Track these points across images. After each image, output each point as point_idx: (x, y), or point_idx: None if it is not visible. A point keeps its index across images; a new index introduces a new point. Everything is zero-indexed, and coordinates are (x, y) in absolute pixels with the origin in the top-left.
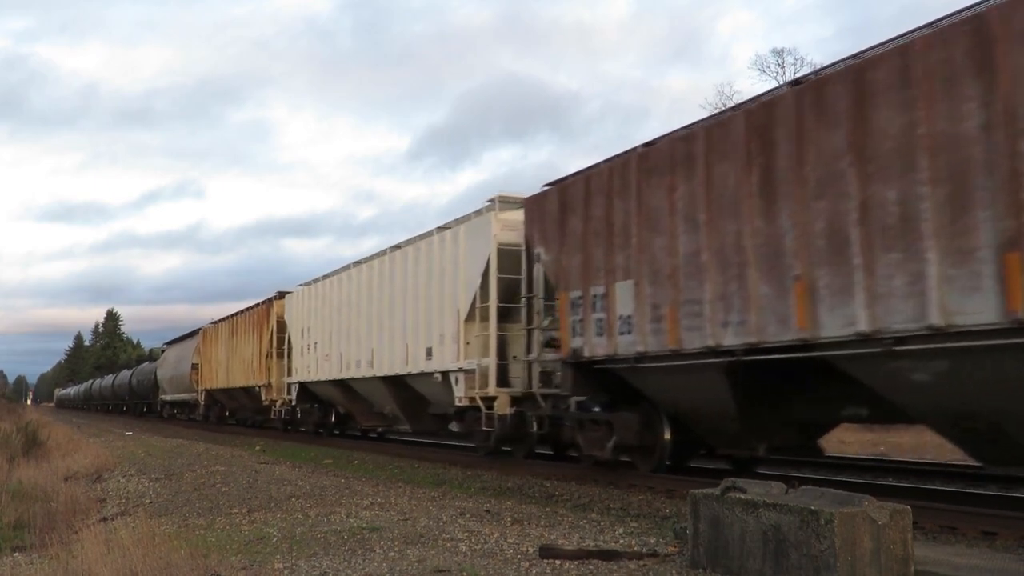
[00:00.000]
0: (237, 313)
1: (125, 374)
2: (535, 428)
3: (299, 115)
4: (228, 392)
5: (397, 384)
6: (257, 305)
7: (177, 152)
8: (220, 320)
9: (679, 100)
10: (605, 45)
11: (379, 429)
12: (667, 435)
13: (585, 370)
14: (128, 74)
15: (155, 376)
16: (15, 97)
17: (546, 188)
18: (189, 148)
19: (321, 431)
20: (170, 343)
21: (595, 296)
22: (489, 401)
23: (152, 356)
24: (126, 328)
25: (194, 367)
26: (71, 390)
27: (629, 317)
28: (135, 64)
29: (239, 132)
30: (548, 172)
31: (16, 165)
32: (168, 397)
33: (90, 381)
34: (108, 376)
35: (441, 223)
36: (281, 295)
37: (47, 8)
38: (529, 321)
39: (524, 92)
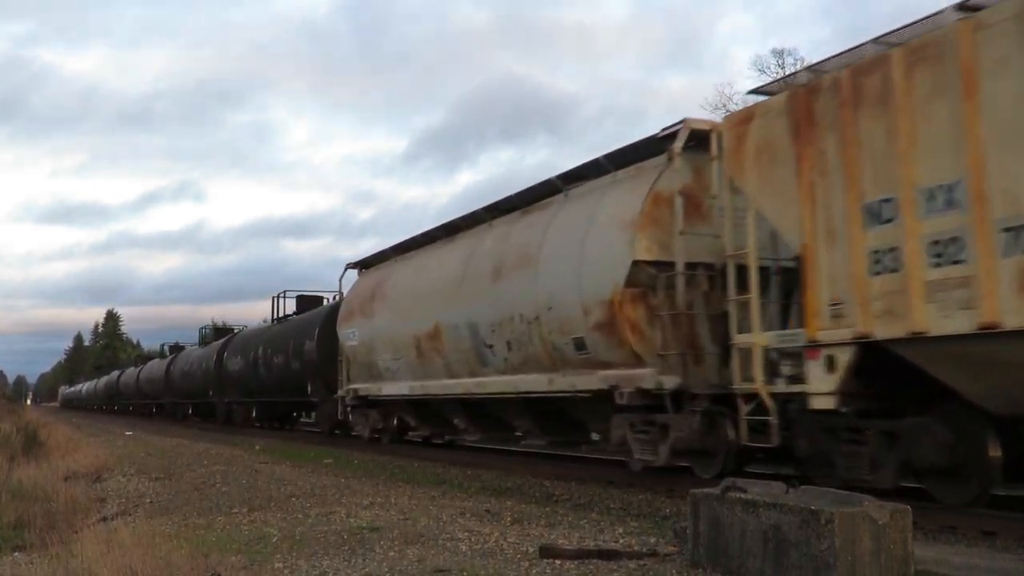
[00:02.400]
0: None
1: (192, 356)
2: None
3: (300, 116)
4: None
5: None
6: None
7: (177, 154)
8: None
9: (677, 101)
10: (604, 47)
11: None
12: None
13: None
14: (129, 76)
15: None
16: (16, 100)
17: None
18: (189, 150)
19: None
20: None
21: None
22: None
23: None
24: (126, 328)
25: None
26: (82, 386)
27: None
28: (136, 67)
29: (240, 134)
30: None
31: (16, 167)
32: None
33: (116, 373)
34: (152, 363)
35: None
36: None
37: (47, 11)
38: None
39: (522, 94)
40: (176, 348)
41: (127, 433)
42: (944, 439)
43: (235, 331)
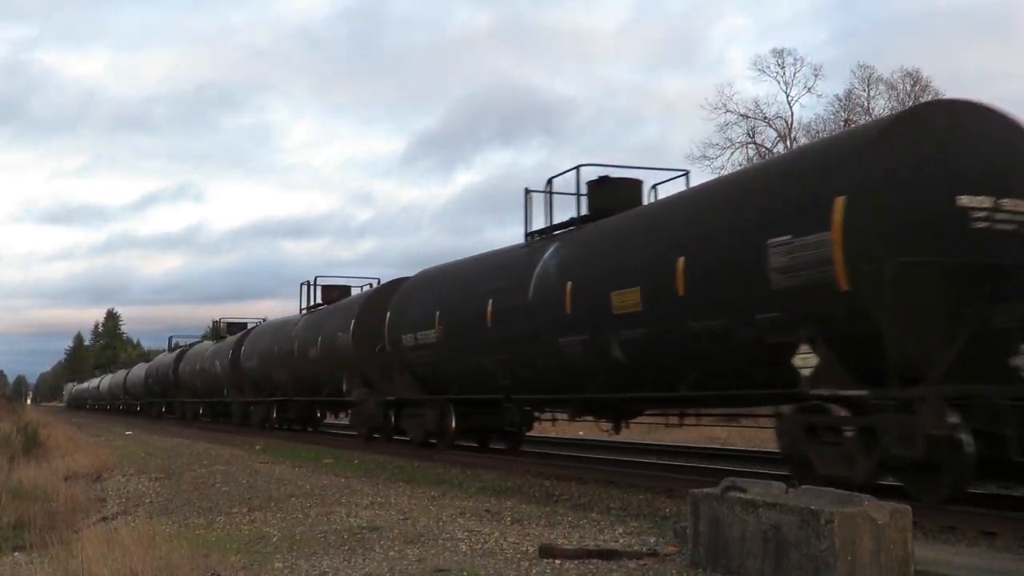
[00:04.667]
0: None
1: (206, 352)
2: None
3: (300, 119)
4: None
5: None
6: None
7: (177, 155)
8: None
9: (674, 103)
10: (601, 50)
11: None
12: None
13: None
14: (129, 80)
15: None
16: (17, 102)
17: None
18: (189, 152)
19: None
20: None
21: None
22: None
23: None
24: (126, 328)
25: None
26: (97, 382)
27: None
28: (136, 70)
29: (239, 136)
30: (542, 174)
31: (17, 168)
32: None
33: (141, 365)
34: (204, 347)
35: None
36: None
37: (49, 15)
38: None
39: (519, 96)
40: (175, 347)
41: (127, 433)
42: None
43: (252, 325)
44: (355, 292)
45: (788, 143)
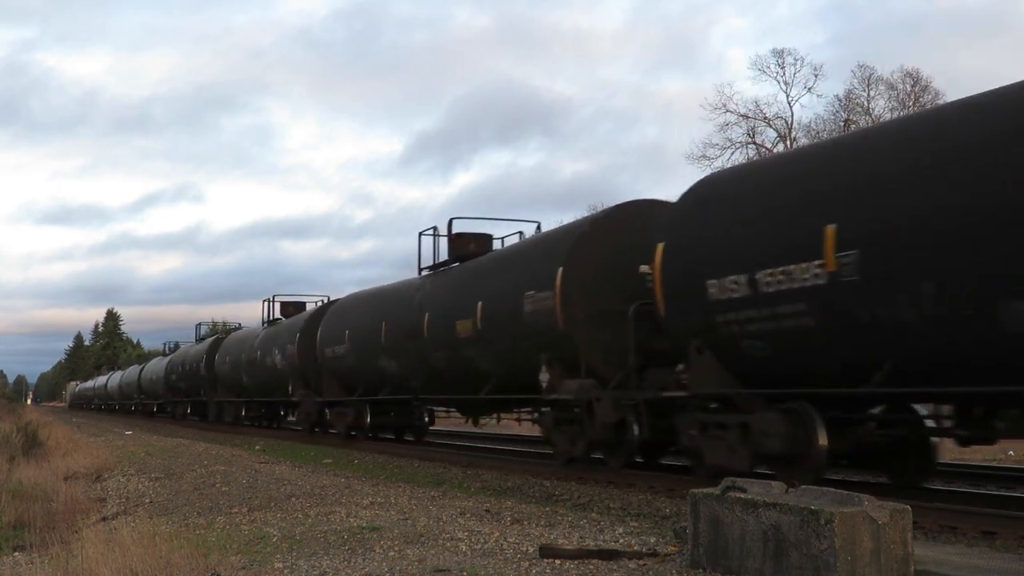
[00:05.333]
0: None
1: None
2: None
3: (299, 120)
4: None
5: None
6: None
7: (177, 156)
8: None
9: (673, 104)
10: (600, 51)
11: None
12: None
13: None
14: (129, 81)
15: None
16: (17, 103)
17: None
18: (189, 152)
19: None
20: None
21: None
22: None
23: None
24: (126, 328)
25: None
26: (105, 379)
27: None
28: (136, 71)
29: (239, 137)
30: (540, 175)
31: (17, 169)
32: None
33: (160, 360)
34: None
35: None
36: None
37: (49, 17)
38: None
39: (518, 97)
40: (176, 347)
41: (127, 433)
42: None
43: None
44: (309, 307)
45: (788, 143)
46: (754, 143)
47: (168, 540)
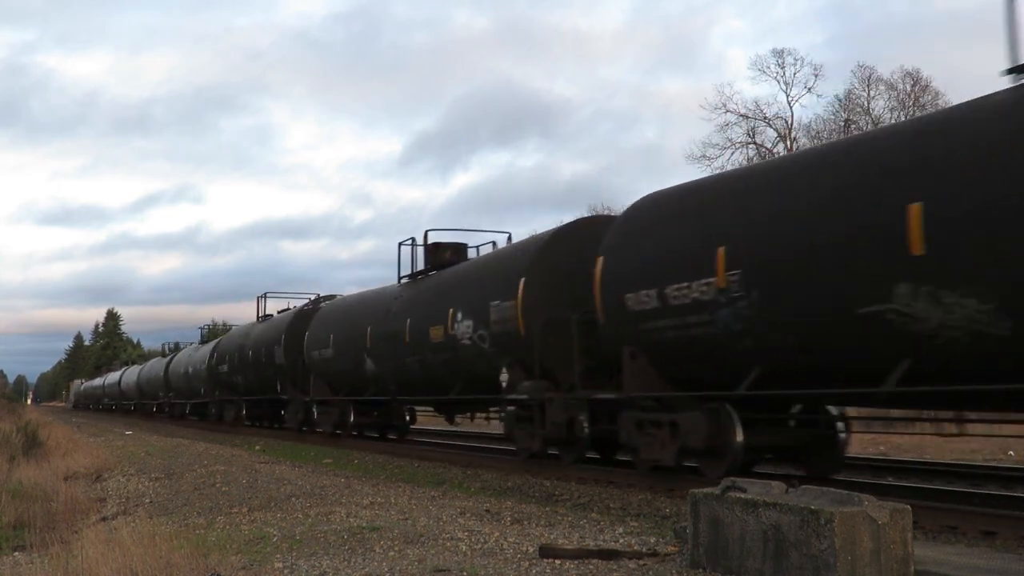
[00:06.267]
0: None
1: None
2: None
3: (299, 120)
4: None
5: None
6: None
7: (177, 157)
8: None
9: (671, 104)
10: (600, 52)
11: None
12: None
13: None
14: (129, 81)
15: None
16: (18, 104)
17: None
18: (189, 153)
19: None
20: None
21: None
22: None
23: None
24: (126, 328)
25: None
26: (118, 375)
27: None
28: (136, 72)
29: (240, 137)
30: (539, 175)
31: (18, 169)
32: None
33: (194, 348)
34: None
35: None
36: None
37: (49, 18)
38: None
39: (517, 98)
40: (176, 348)
41: (127, 433)
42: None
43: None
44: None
45: (788, 143)
46: (754, 143)
47: (168, 540)
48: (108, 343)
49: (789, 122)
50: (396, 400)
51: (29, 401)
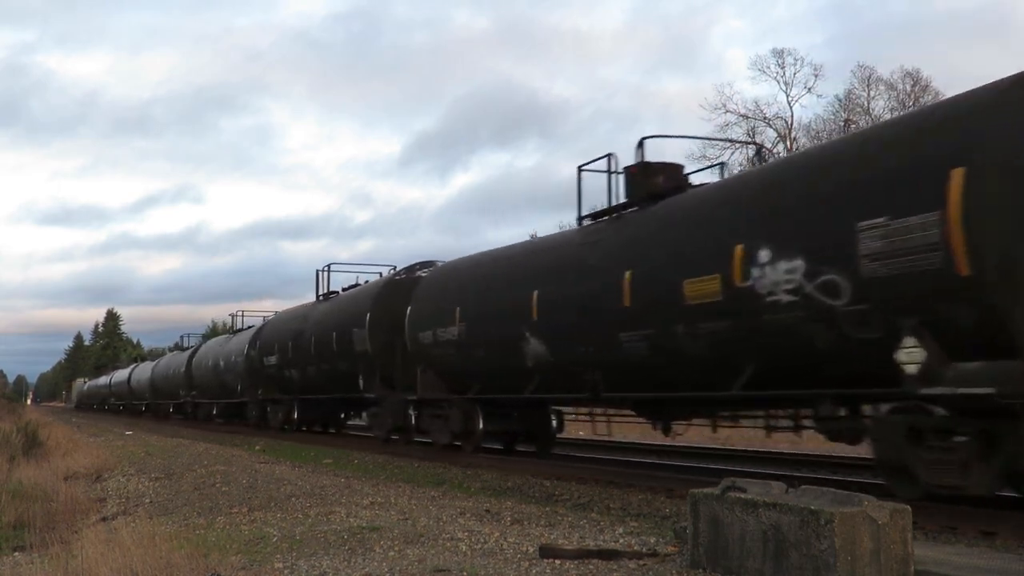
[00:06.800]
0: None
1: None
2: None
3: (299, 120)
4: None
5: None
6: None
7: (177, 157)
8: None
9: (671, 104)
10: (600, 52)
11: None
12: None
13: None
14: (129, 82)
15: None
16: (18, 104)
17: None
18: (190, 153)
19: None
20: None
21: None
22: None
23: None
24: (126, 328)
25: None
26: (127, 372)
27: None
28: (136, 72)
29: (240, 137)
30: (538, 175)
31: (18, 170)
32: None
33: (224, 339)
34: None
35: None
36: None
37: (49, 18)
38: None
39: (516, 98)
40: (177, 347)
41: (127, 433)
42: None
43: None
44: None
45: (788, 143)
46: (754, 143)
47: (168, 540)
48: (108, 343)
49: (789, 122)
50: (598, 398)
51: (29, 401)
